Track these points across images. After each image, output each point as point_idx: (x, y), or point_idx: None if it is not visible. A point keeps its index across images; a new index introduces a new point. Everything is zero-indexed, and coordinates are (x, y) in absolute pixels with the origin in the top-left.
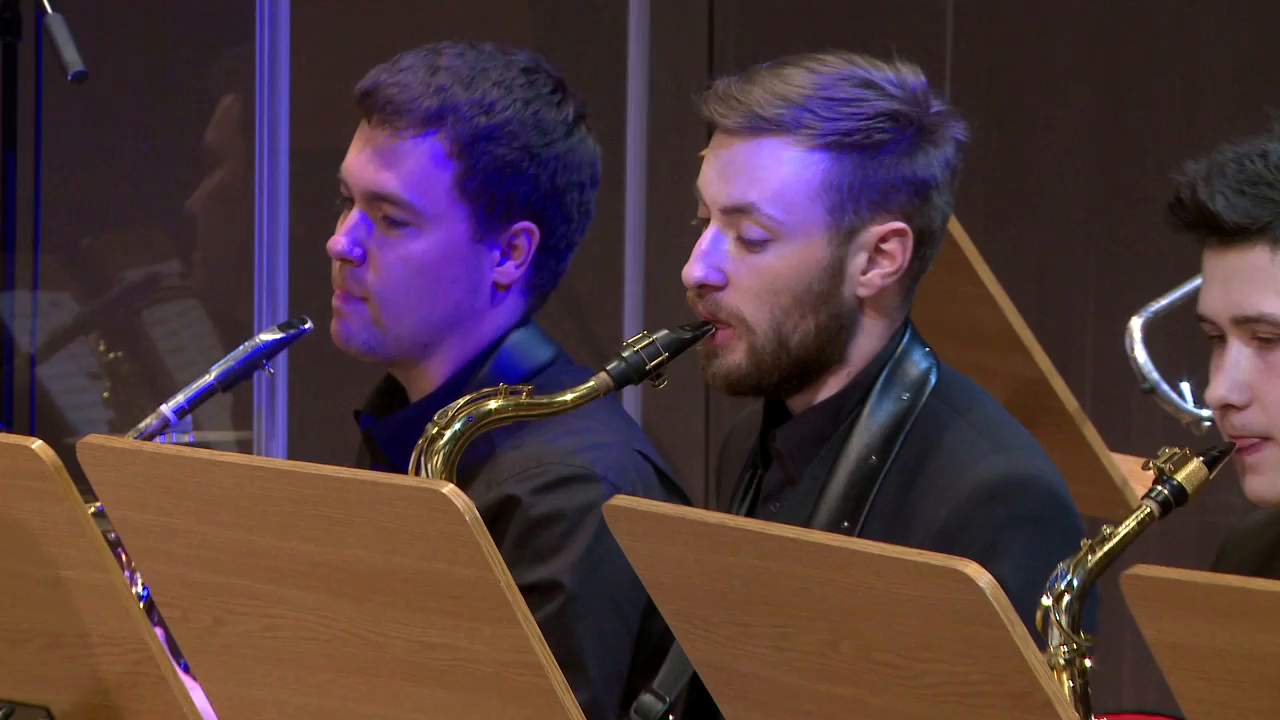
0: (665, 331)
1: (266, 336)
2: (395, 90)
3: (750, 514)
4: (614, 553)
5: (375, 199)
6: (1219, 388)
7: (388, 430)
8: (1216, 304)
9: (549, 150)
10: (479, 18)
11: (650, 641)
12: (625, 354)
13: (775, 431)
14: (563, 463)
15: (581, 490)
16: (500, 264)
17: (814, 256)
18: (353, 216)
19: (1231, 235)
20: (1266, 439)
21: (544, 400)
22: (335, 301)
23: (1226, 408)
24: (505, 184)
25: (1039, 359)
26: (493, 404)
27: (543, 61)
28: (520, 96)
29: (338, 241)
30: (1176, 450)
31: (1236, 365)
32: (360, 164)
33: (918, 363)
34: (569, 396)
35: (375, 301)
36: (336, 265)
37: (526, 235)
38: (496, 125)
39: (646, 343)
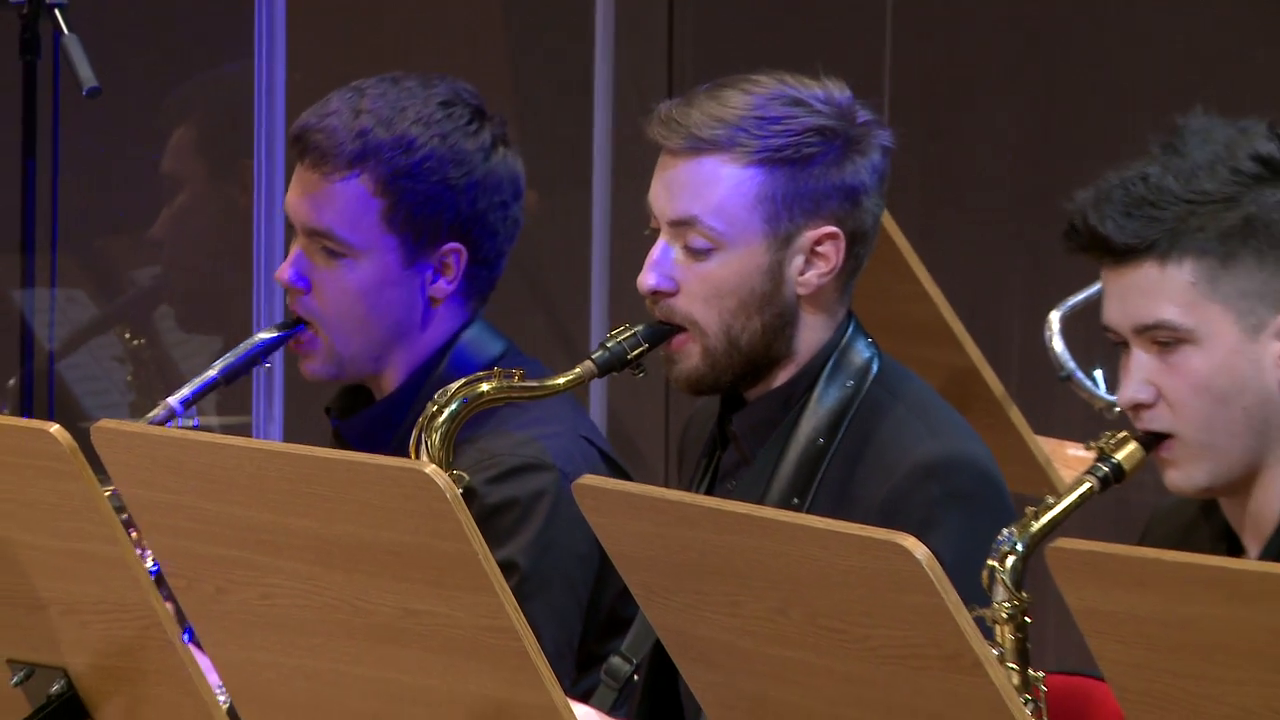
0: (645, 325)
1: (264, 335)
2: (321, 136)
3: (709, 492)
4: (564, 534)
5: (313, 234)
6: (1127, 390)
7: (355, 428)
8: (1117, 316)
9: (467, 178)
10: (459, 40)
11: (600, 612)
12: (609, 344)
13: (732, 417)
14: (513, 453)
15: (532, 478)
16: (434, 282)
17: (754, 262)
18: (295, 249)
19: (1123, 255)
20: (1172, 435)
21: (535, 384)
22: (294, 346)
23: (1136, 407)
24: (429, 214)
25: (970, 350)
26: (486, 386)
27: (462, 91)
28: (438, 131)
29: (284, 272)
30: (1117, 433)
31: (1141, 368)
32: (297, 203)
33: (861, 353)
34: (560, 380)
35: (324, 327)
36: (289, 293)
37: (455, 255)
38: (416, 162)
39: (628, 334)
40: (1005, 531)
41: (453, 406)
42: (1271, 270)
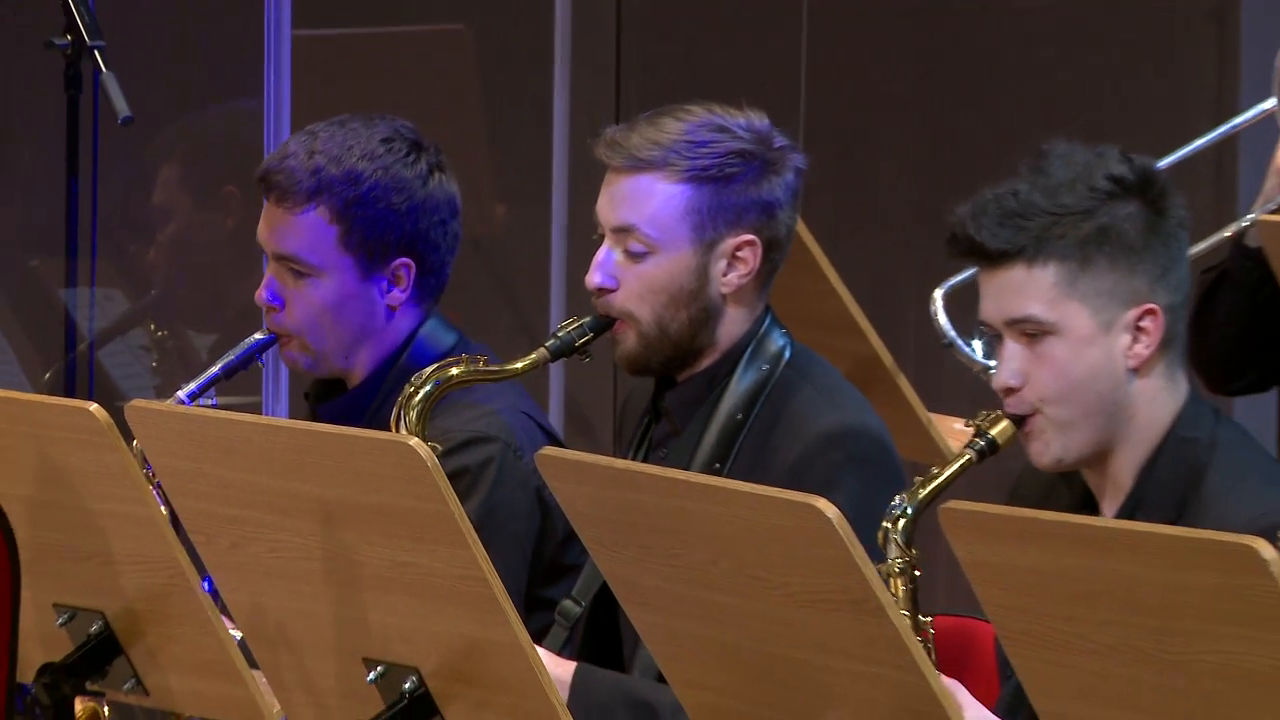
0: (590, 317)
1: (259, 336)
2: (281, 177)
3: (644, 459)
4: (508, 496)
5: (281, 259)
6: (1000, 376)
7: (331, 411)
8: (992, 311)
9: (409, 202)
10: (438, 78)
11: (543, 561)
12: (560, 334)
13: (664, 395)
14: (463, 429)
15: (479, 449)
16: (389, 292)
17: (683, 264)
18: (268, 274)
19: (996, 258)
20: (1037, 412)
21: (497, 367)
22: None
23: (1008, 390)
24: (378, 235)
25: (871, 339)
26: (455, 370)
27: (400, 127)
28: (380, 164)
29: (260, 294)
30: (992, 412)
31: (1012, 357)
32: (266, 234)
33: (775, 341)
34: (519, 364)
35: (298, 335)
36: (265, 310)
37: (405, 268)
38: (364, 192)
39: (576, 325)
40: (897, 498)
41: (427, 388)
42: (1122, 273)
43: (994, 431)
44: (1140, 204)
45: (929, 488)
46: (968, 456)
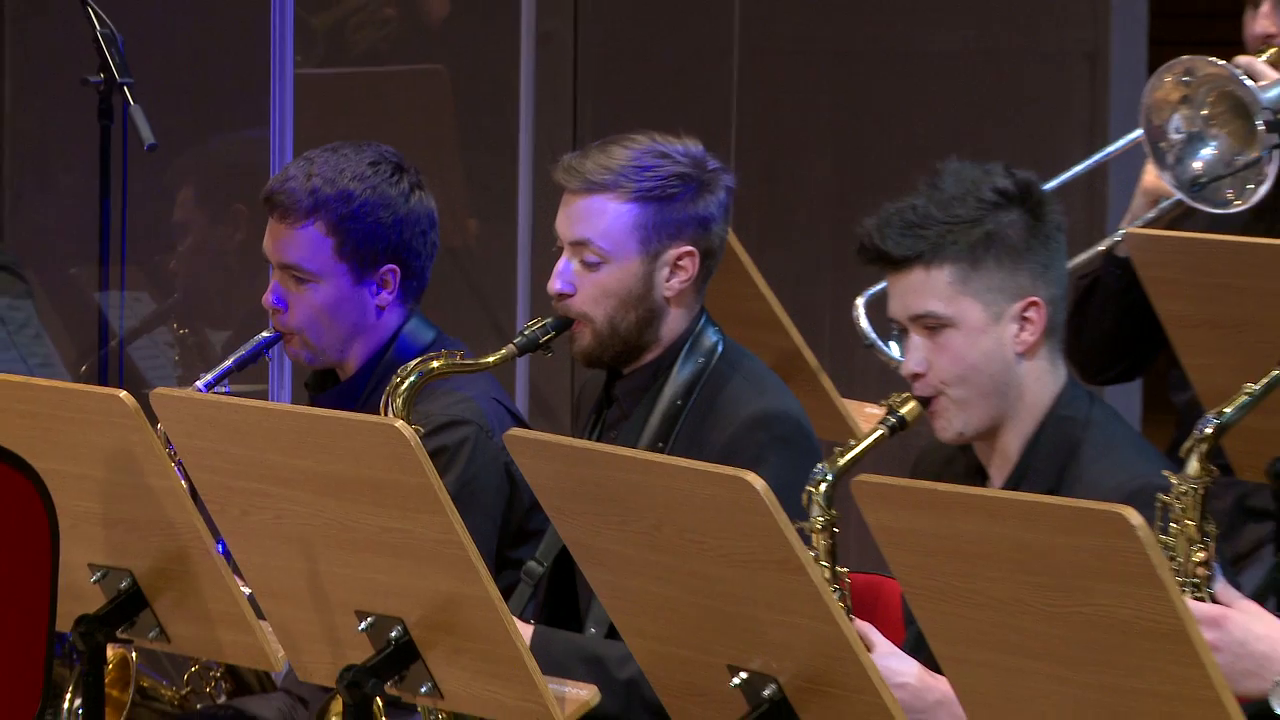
0: (552, 318)
1: (266, 333)
2: (283, 196)
3: (598, 439)
4: (482, 471)
5: (284, 267)
6: (908, 364)
7: (328, 399)
8: (898, 309)
9: (393, 216)
10: (421, 110)
11: (510, 526)
12: (526, 331)
13: (615, 384)
14: (442, 414)
15: (455, 431)
16: (377, 294)
17: (632, 272)
18: (274, 280)
19: (899, 263)
20: (940, 394)
21: (471, 361)
22: (283, 341)
23: (914, 376)
24: (368, 245)
25: (793, 335)
26: (435, 363)
27: (385, 152)
28: (369, 184)
29: (266, 298)
30: (902, 394)
31: (916, 348)
32: (271, 246)
33: (710, 338)
34: (490, 358)
35: (300, 334)
36: (272, 312)
37: (391, 273)
38: (355, 209)
39: (539, 325)
40: (819, 465)
41: (411, 378)
42: (1008, 271)
43: (904, 410)
44: (1021, 211)
45: (848, 456)
46: (881, 431)
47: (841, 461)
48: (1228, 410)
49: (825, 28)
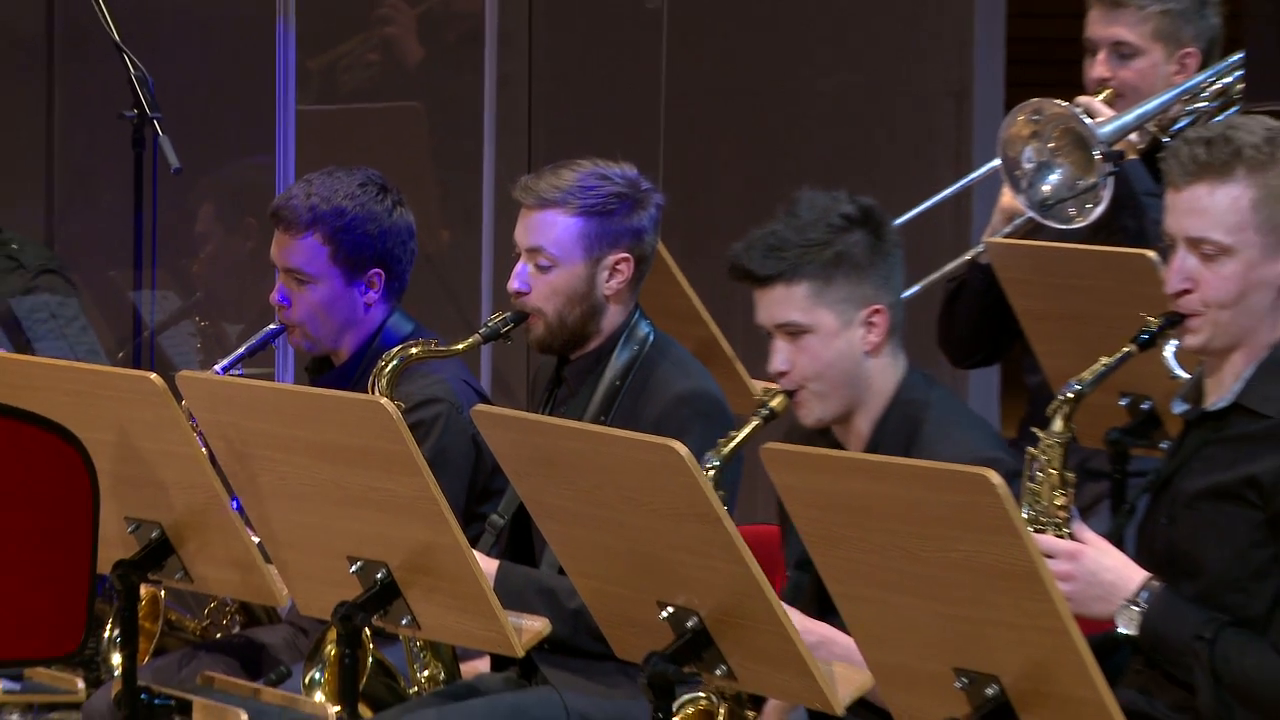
0: (512, 312)
1: (272, 326)
2: (287, 211)
3: (550, 413)
4: (453, 441)
5: (288, 271)
6: (774, 364)
7: (325, 381)
8: (764, 318)
9: (379, 228)
10: (401, 140)
11: (476, 487)
12: (489, 324)
13: (564, 368)
14: (418, 393)
15: (430, 407)
16: (365, 293)
17: (577, 275)
18: (279, 282)
19: (763, 281)
20: (802, 388)
21: (444, 348)
22: (287, 332)
23: (780, 374)
24: (357, 252)
25: (712, 328)
26: (414, 350)
27: (372, 174)
28: (359, 202)
29: (273, 297)
30: (774, 388)
31: (781, 350)
32: (277, 253)
33: (643, 329)
34: (460, 346)
35: (301, 327)
36: (277, 309)
37: (378, 275)
38: (346, 223)
39: (501, 317)
40: (707, 454)
41: (394, 362)
42: (855, 284)
43: (773, 403)
44: (864, 233)
45: (730, 445)
46: (756, 422)
47: (725, 450)
48: (1086, 378)
49: (735, 73)
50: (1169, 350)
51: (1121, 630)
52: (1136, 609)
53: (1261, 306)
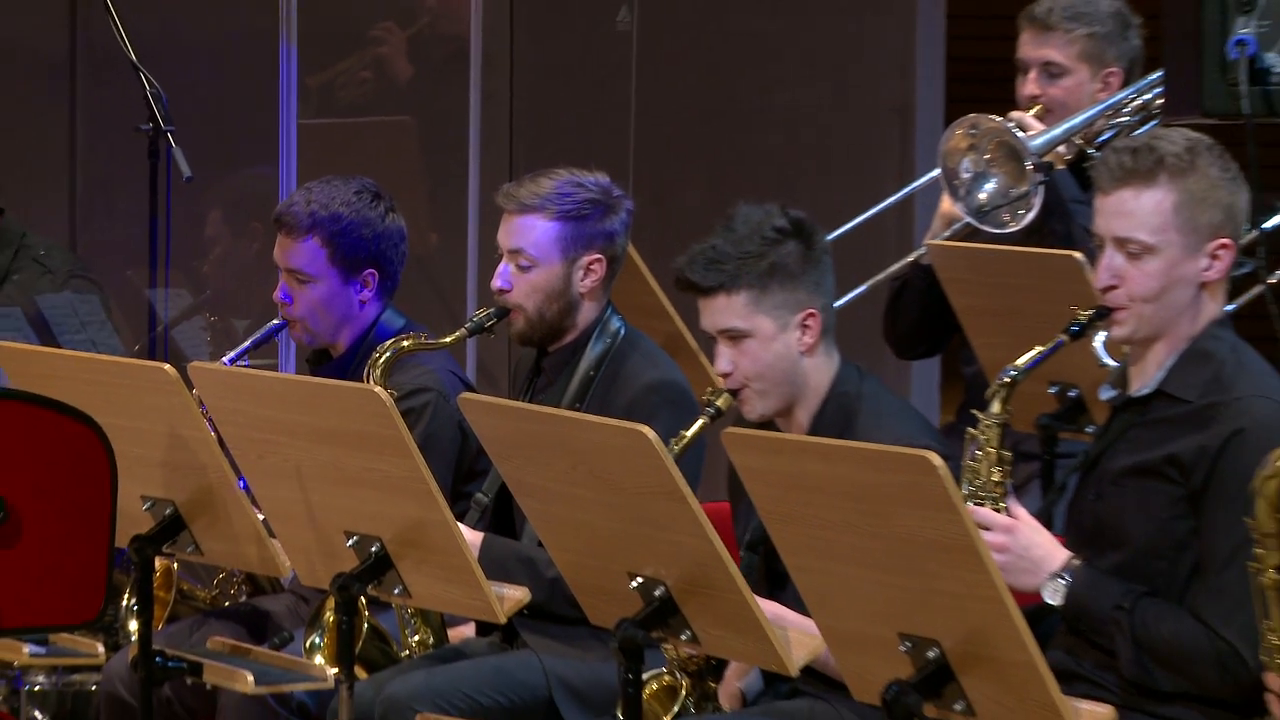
0: (494, 309)
1: (275, 321)
2: (289, 217)
3: (530, 401)
4: (440, 427)
5: (289, 271)
6: (719, 365)
7: (324, 372)
8: (707, 324)
9: (373, 232)
10: (392, 155)
11: (462, 468)
12: (475, 318)
13: (543, 359)
14: (409, 383)
15: (420, 396)
16: (360, 292)
17: (554, 274)
18: (282, 281)
19: (705, 291)
20: (745, 386)
21: (433, 341)
22: (289, 327)
23: (724, 375)
24: (353, 255)
25: (678, 323)
26: (406, 343)
27: (366, 183)
28: (354, 208)
29: (276, 295)
30: (718, 388)
31: (724, 353)
32: (279, 255)
33: (615, 324)
34: (448, 339)
35: (301, 322)
36: (280, 305)
37: (372, 275)
38: (343, 227)
39: (485, 313)
40: (671, 440)
41: (387, 354)
42: (789, 290)
43: (718, 401)
44: (796, 243)
45: (684, 441)
46: (703, 420)
47: (678, 447)
48: (1022, 364)
49: (699, 90)
50: (1098, 341)
51: (1048, 601)
52: (1062, 582)
53: (1182, 301)
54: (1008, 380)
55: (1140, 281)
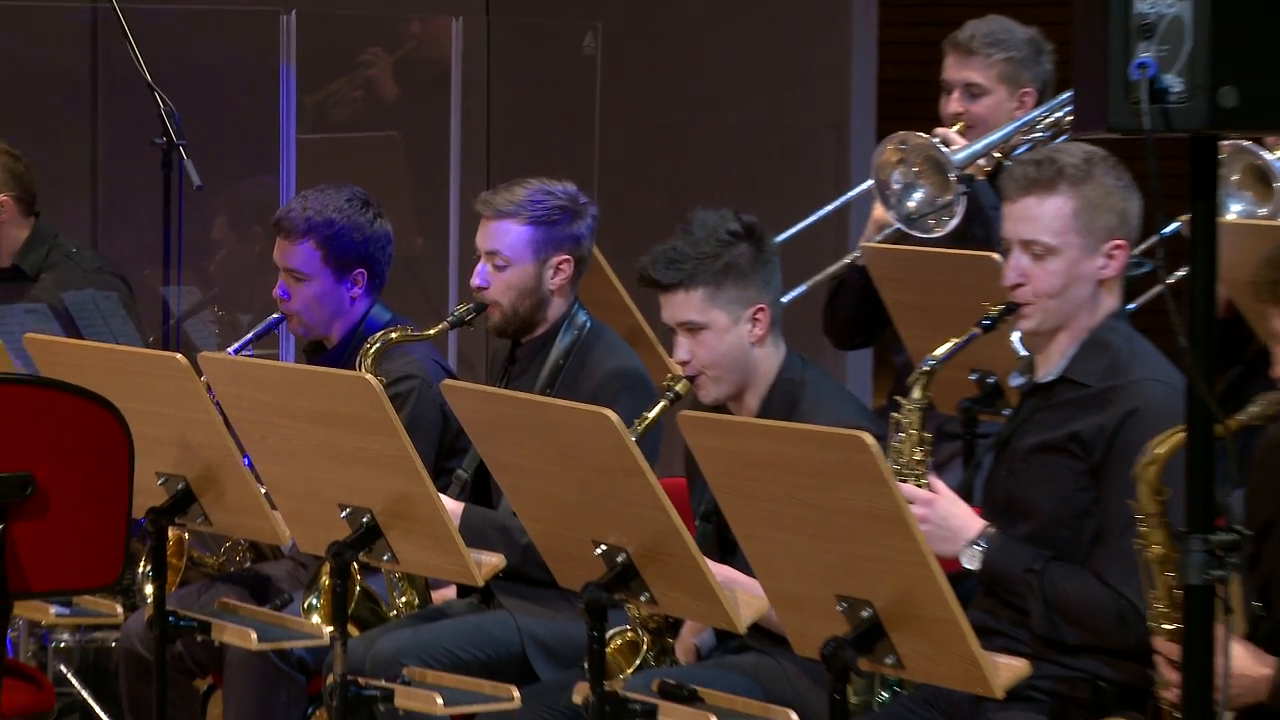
0: (473, 304)
1: (275, 315)
2: (287, 222)
3: (505, 387)
4: (425, 410)
5: (288, 270)
6: (678, 354)
7: (320, 361)
8: (668, 318)
9: (363, 236)
10: (382, 169)
11: (444, 446)
12: (455, 313)
13: (516, 350)
14: (397, 371)
15: (406, 382)
16: (351, 289)
17: (528, 273)
18: (280, 279)
19: (666, 288)
20: (701, 374)
21: (418, 333)
22: (287, 321)
23: (683, 363)
24: (345, 256)
25: (638, 317)
26: (394, 334)
27: (357, 191)
28: (346, 213)
29: (275, 291)
30: (677, 374)
31: (682, 344)
32: (278, 256)
33: (581, 318)
34: (432, 331)
35: (298, 316)
36: (279, 301)
37: (361, 274)
38: (335, 231)
39: (465, 307)
40: (635, 421)
41: (377, 345)
42: (741, 288)
43: (677, 387)
44: (748, 245)
45: (645, 423)
46: (664, 403)
47: (641, 427)
48: (939, 354)
49: (656, 107)
50: (1016, 334)
51: (966, 566)
52: (978, 549)
53: (1082, 296)
54: (926, 369)
55: (1044, 279)
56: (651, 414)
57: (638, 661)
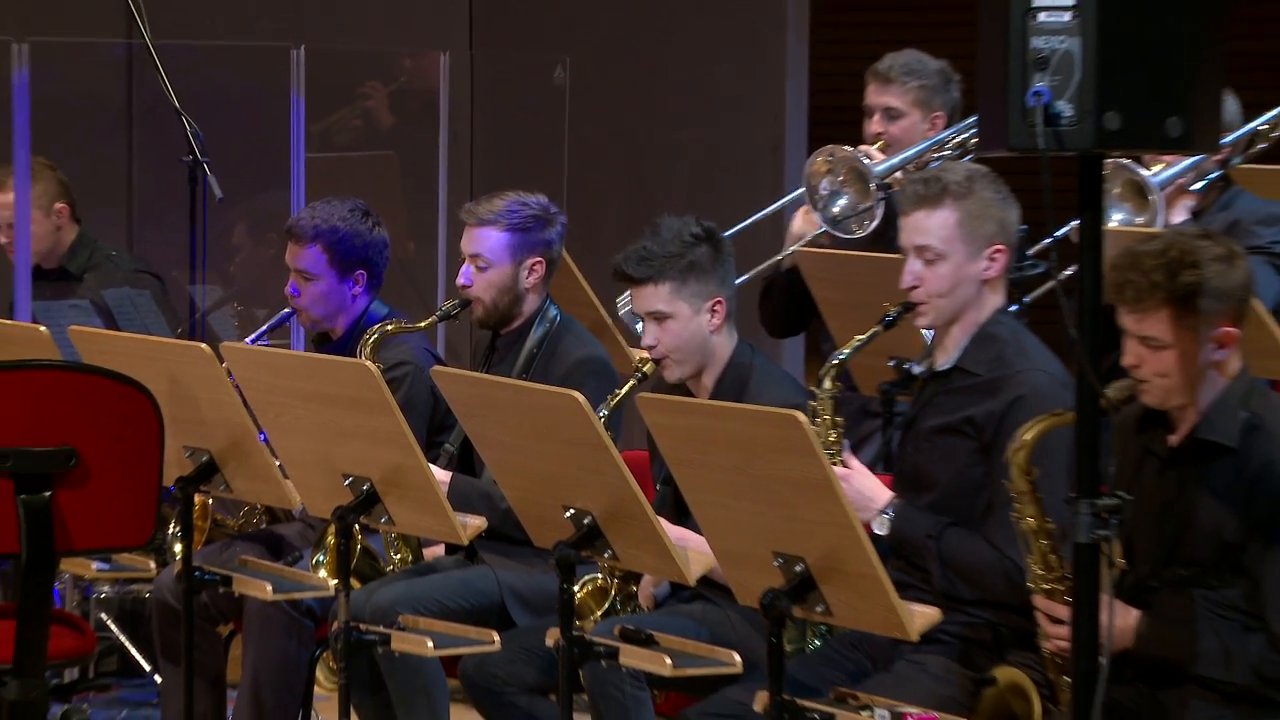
0: (458, 300)
1: (287, 310)
2: (297, 230)
3: (486, 373)
4: (417, 393)
5: (298, 271)
6: (645, 340)
7: (326, 350)
8: (638, 308)
9: (363, 241)
10: (377, 179)
11: (433, 423)
12: (444, 308)
13: (496, 340)
14: (393, 358)
15: (401, 368)
16: (353, 288)
17: (506, 274)
18: (292, 279)
19: (637, 282)
20: (666, 357)
21: (411, 325)
22: (297, 315)
23: (650, 348)
24: (348, 258)
25: (601, 311)
26: (390, 326)
27: (358, 203)
28: (348, 222)
29: (287, 289)
30: (645, 357)
31: (649, 332)
32: (290, 258)
33: (552, 312)
34: (423, 323)
35: (307, 311)
36: (290, 298)
37: (362, 274)
38: (340, 237)
39: (452, 304)
40: (600, 405)
41: (375, 336)
42: (702, 283)
43: (645, 368)
44: (708, 246)
45: (615, 400)
46: (633, 381)
47: (613, 403)
48: (845, 350)
49: (618, 129)
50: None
51: (876, 532)
52: (887, 517)
53: (968, 295)
54: (835, 363)
55: (935, 281)
56: (622, 391)
57: (606, 605)
